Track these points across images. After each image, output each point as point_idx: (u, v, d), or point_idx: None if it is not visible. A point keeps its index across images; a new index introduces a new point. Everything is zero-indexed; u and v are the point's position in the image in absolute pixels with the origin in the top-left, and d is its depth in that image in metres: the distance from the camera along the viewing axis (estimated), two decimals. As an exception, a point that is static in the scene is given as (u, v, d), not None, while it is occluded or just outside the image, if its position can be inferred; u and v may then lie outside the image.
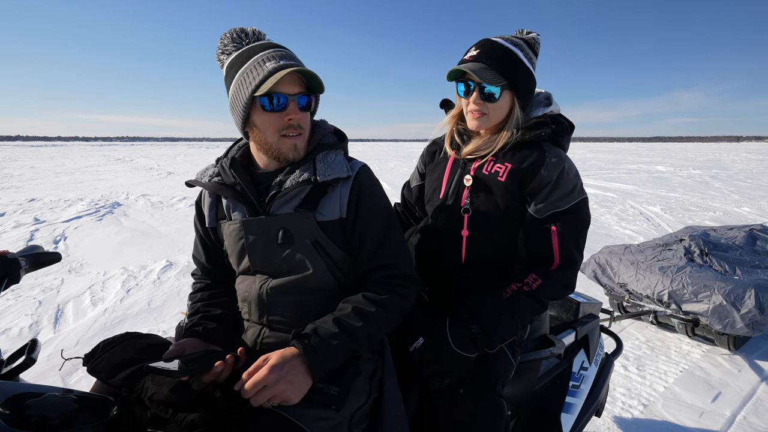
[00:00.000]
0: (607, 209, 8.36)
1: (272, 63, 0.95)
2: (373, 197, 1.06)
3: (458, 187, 1.25)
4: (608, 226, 6.87)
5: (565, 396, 1.47)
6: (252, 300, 1.07)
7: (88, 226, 6.58)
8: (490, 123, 1.20)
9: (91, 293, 3.83)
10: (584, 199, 1.17)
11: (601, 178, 14.74)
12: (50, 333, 3.08)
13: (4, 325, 3.15)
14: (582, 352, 1.62)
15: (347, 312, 0.97)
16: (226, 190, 1.06)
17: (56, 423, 0.75)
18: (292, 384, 0.85)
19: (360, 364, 1.00)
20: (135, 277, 4.23)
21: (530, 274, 1.12)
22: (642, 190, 11.38)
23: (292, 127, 1.00)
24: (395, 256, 1.06)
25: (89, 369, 0.90)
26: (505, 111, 1.20)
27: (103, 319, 3.31)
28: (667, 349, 2.98)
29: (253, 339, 1.06)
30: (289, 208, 1.02)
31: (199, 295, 1.17)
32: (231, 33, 1.02)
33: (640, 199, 9.58)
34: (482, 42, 1.18)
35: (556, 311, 1.78)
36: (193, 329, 1.05)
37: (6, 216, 7.36)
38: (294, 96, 0.98)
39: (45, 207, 8.27)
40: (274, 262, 1.04)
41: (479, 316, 1.08)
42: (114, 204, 8.67)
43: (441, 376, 1.02)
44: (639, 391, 2.47)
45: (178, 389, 0.85)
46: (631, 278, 3.17)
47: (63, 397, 0.82)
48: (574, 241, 1.14)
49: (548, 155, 1.16)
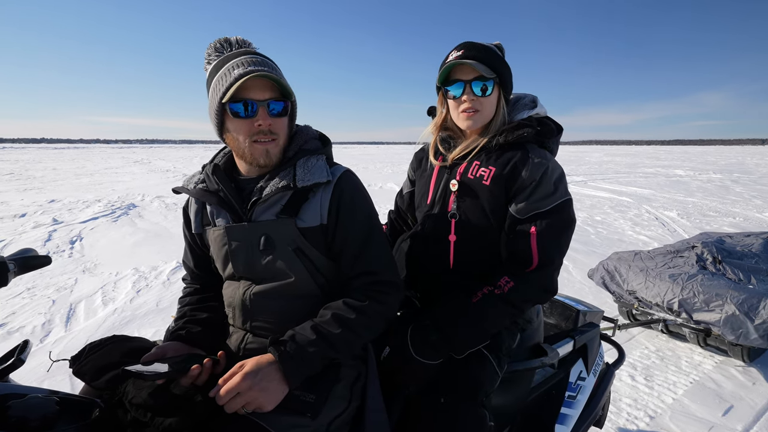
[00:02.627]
0: (621, 214, 8.19)
1: (239, 69, 0.95)
2: (354, 203, 1.05)
3: (445, 193, 1.24)
4: (621, 232, 6.73)
5: (560, 407, 1.44)
6: (236, 305, 1.08)
7: (104, 227, 6.74)
8: (483, 120, 1.21)
9: (102, 293, 3.92)
10: (567, 201, 1.15)
11: (616, 181, 14.47)
12: (62, 332, 3.16)
13: (19, 323, 3.25)
14: (580, 362, 1.59)
15: (326, 319, 0.97)
16: (210, 197, 1.07)
17: (37, 424, 0.77)
18: (266, 391, 0.85)
19: (341, 371, 1.00)
20: (145, 278, 4.31)
21: (503, 277, 1.10)
22: (659, 194, 11.13)
23: (262, 132, 0.99)
24: (376, 263, 1.05)
25: (74, 371, 0.92)
26: (494, 108, 1.21)
27: (113, 318, 3.38)
28: (678, 359, 2.89)
29: (237, 344, 1.07)
30: (270, 214, 1.03)
31: (187, 300, 1.18)
32: (215, 43, 1.04)
33: (656, 204, 9.37)
34: (463, 44, 1.20)
35: (555, 319, 1.75)
36: (177, 332, 1.07)
37: (27, 216, 7.60)
38: (264, 102, 0.98)
39: (64, 208, 8.51)
40: (257, 268, 1.04)
41: (440, 322, 1.08)
42: (130, 205, 8.86)
43: (407, 383, 1.01)
44: (646, 402, 2.40)
45: (156, 393, 0.86)
46: (641, 285, 3.09)
47: (46, 398, 0.84)
48: (554, 242, 1.12)
49: (531, 156, 1.15)
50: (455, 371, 1.08)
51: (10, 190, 11.63)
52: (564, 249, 1.15)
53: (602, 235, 6.52)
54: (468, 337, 1.07)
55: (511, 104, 1.27)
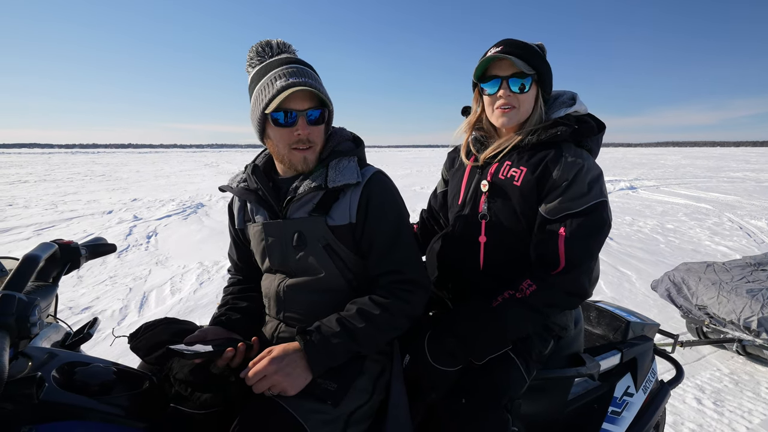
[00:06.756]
0: (698, 222, 7.44)
1: (282, 81, 1.01)
2: (383, 203, 1.08)
3: (476, 193, 1.22)
4: (697, 241, 6.12)
5: (601, 422, 1.36)
6: (271, 296, 1.15)
7: (176, 224, 7.39)
8: (520, 118, 1.18)
9: (171, 284, 4.30)
10: (602, 202, 1.08)
11: (694, 187, 13.17)
12: (135, 316, 3.52)
13: (101, 307, 3.67)
14: (628, 377, 1.48)
15: (352, 313, 1.00)
16: (249, 195, 1.15)
17: (96, 389, 0.89)
18: (290, 376, 0.90)
19: (365, 364, 1.03)
20: (208, 272, 4.66)
21: (525, 280, 1.07)
22: (745, 201, 9.96)
23: (301, 141, 1.05)
24: (402, 262, 1.07)
25: (132, 347, 1.04)
26: (531, 105, 1.18)
27: (178, 307, 3.70)
28: (756, 385, 2.58)
29: (271, 332, 1.14)
30: (303, 212, 1.08)
31: (230, 289, 1.28)
32: (257, 46, 1.11)
33: (742, 212, 8.40)
34: (503, 40, 1.18)
35: (602, 330, 1.65)
36: (219, 318, 1.16)
37: (113, 213, 8.56)
38: (303, 111, 1.03)
39: (143, 206, 9.45)
40: (290, 262, 1.11)
41: (457, 327, 1.06)
42: (198, 205, 9.63)
43: (428, 391, 1.01)
44: (713, 429, 2.17)
45: (196, 371, 0.94)
46: (712, 300, 2.80)
47: (106, 368, 0.96)
48: (583, 244, 1.06)
49: (566, 154, 1.10)
50: (478, 373, 1.06)
51: (101, 189, 13.15)
52: (594, 252, 1.08)
53: (673, 244, 5.98)
54: (487, 343, 1.05)
55: (550, 102, 1.23)
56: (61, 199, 10.64)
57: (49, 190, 12.91)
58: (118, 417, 0.86)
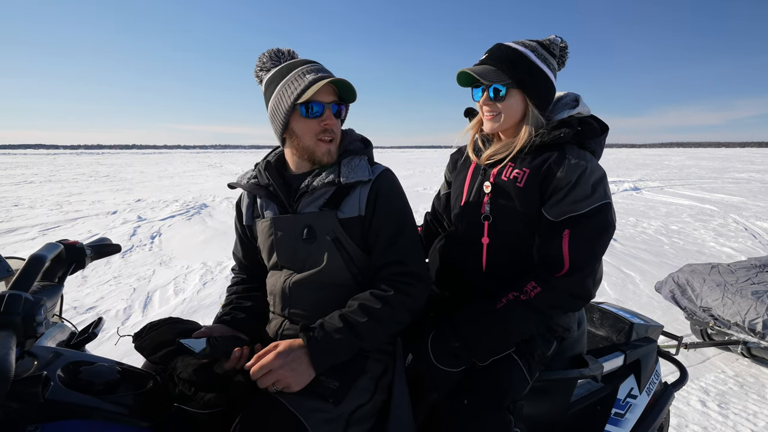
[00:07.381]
0: (703, 223, 7.40)
1: (312, 75, 1.06)
2: (390, 198, 1.12)
3: (478, 194, 1.22)
4: (701, 243, 6.09)
5: (604, 423, 1.36)
6: (277, 293, 1.16)
7: (179, 225, 7.42)
8: (505, 123, 1.18)
9: (174, 284, 4.32)
10: (606, 204, 1.08)
11: (699, 187, 13.10)
12: (139, 316, 3.54)
13: (105, 306, 3.69)
14: (631, 378, 1.48)
15: (353, 308, 1.02)
16: (260, 190, 1.18)
17: (101, 388, 0.89)
18: (295, 372, 0.91)
19: (367, 364, 1.03)
20: (211, 272, 4.68)
21: (529, 282, 1.06)
22: (751, 202, 9.90)
23: (326, 131, 1.10)
24: (406, 252, 1.09)
25: (136, 346, 1.05)
26: (517, 111, 1.17)
27: (182, 307, 3.72)
28: (761, 387, 2.56)
29: (275, 330, 1.15)
30: (314, 207, 1.11)
31: (234, 288, 1.29)
32: (269, 52, 1.15)
33: (747, 213, 8.34)
34: (492, 46, 1.19)
35: (605, 331, 1.64)
36: (223, 317, 1.18)
37: (117, 213, 8.61)
38: (329, 104, 1.10)
39: (147, 207, 9.50)
40: (298, 257, 1.13)
41: (460, 328, 1.06)
42: (202, 205, 9.66)
43: (429, 391, 1.02)
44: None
45: (200, 371, 0.95)
46: (717, 302, 2.79)
47: (110, 367, 0.97)
48: (587, 246, 1.06)
49: (569, 156, 1.10)
50: (481, 374, 1.06)
51: (106, 190, 13.22)
52: (599, 255, 1.08)
53: (678, 245, 5.95)
54: (490, 344, 1.05)
55: (552, 104, 1.23)
56: (66, 200, 10.71)
57: (54, 190, 13.00)
58: (123, 416, 0.87)
